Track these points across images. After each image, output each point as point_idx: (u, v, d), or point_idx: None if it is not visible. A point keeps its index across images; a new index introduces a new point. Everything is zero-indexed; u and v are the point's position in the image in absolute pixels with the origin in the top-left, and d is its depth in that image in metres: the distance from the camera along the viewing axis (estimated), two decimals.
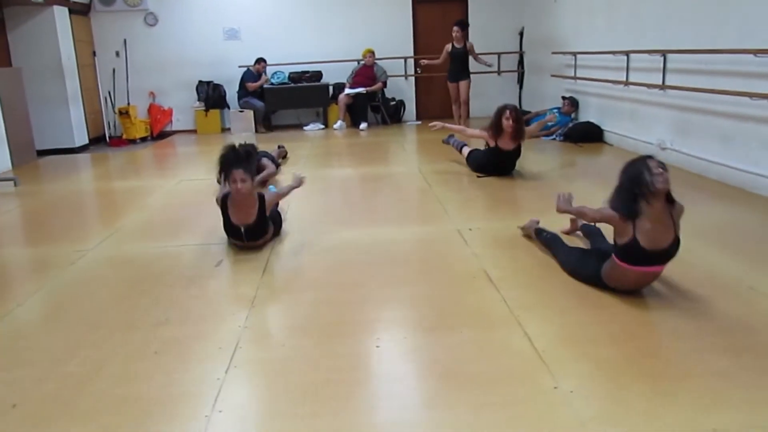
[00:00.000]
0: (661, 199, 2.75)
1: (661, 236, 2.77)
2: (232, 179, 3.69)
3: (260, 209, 3.85)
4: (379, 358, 2.53)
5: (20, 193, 6.27)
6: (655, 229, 2.75)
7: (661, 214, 2.76)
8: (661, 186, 2.70)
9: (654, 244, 2.77)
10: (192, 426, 2.09)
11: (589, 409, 2.08)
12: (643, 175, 2.73)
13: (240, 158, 3.73)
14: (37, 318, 3.12)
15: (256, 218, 3.84)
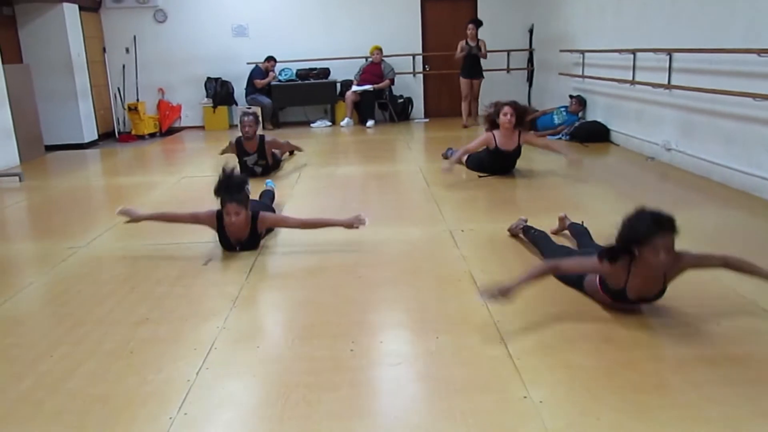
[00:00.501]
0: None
1: (649, 289, 2.70)
2: (226, 212, 3.69)
3: (252, 228, 3.84)
4: (351, 362, 2.50)
5: (24, 189, 6.33)
6: (645, 285, 2.67)
7: (656, 276, 2.65)
8: (663, 268, 2.57)
9: (640, 296, 2.72)
10: (154, 428, 2.09)
11: (556, 421, 2.04)
12: (649, 253, 2.51)
13: (231, 191, 3.69)
14: (23, 314, 3.14)
15: (248, 235, 3.84)
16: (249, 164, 6.00)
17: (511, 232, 3.87)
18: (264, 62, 10.02)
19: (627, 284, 2.66)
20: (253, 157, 5.98)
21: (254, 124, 5.89)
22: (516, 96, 10.26)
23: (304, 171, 6.50)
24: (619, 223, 2.60)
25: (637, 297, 2.70)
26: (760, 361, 2.38)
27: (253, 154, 5.96)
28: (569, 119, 8.06)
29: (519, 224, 3.80)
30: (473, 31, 8.78)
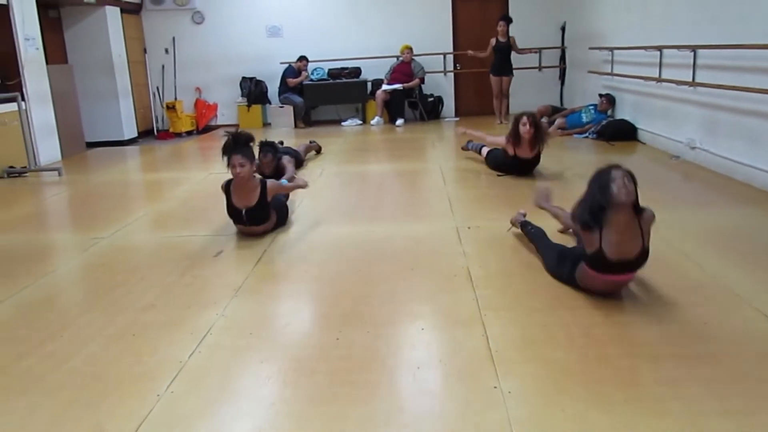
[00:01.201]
0: (626, 211, 2.70)
1: (627, 247, 2.73)
2: (232, 164, 3.92)
3: (262, 193, 4.01)
4: (335, 351, 2.60)
5: (62, 183, 6.63)
6: (621, 240, 2.72)
7: (628, 225, 2.72)
8: (624, 199, 2.65)
9: (620, 255, 2.74)
10: (141, 403, 2.22)
11: (520, 411, 2.09)
12: (608, 187, 2.68)
13: (239, 144, 3.94)
14: (40, 299, 3.33)
15: (257, 201, 4.00)
16: None
17: (512, 223, 3.91)
18: (297, 62, 10.20)
19: (602, 242, 2.71)
20: None
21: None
22: (548, 94, 10.29)
23: (328, 168, 6.63)
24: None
25: (617, 257, 2.73)
26: (737, 360, 2.37)
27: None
28: (597, 117, 7.99)
29: (518, 218, 3.83)
30: (504, 28, 8.82)
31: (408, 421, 2.07)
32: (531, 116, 5.48)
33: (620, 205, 2.67)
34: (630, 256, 2.75)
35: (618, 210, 2.68)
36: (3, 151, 6.89)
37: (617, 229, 2.71)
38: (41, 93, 7.72)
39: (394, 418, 2.08)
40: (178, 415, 2.16)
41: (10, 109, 6.95)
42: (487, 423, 2.03)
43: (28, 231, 4.77)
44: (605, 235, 2.71)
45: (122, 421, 2.13)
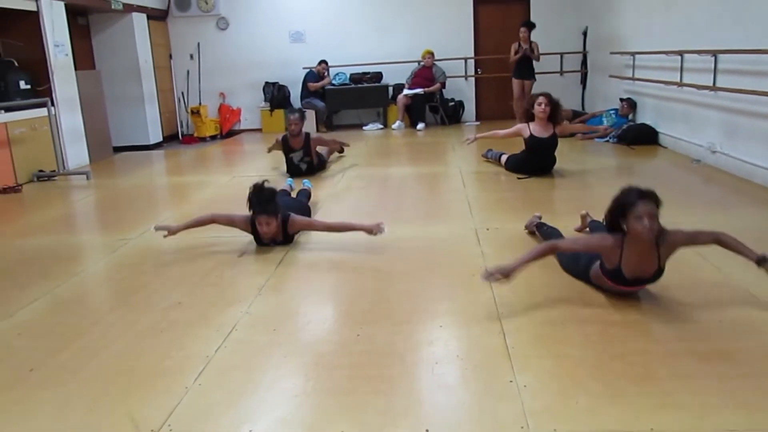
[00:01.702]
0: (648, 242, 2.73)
1: (644, 267, 2.80)
2: (258, 222, 3.93)
3: (284, 232, 4.07)
4: (356, 346, 2.68)
5: (90, 186, 6.81)
6: (640, 262, 2.78)
7: (647, 251, 2.77)
8: (648, 237, 2.69)
9: (636, 274, 2.81)
10: (171, 395, 2.32)
11: (536, 403, 2.15)
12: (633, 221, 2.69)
13: (263, 202, 3.90)
14: (71, 297, 3.46)
15: (282, 238, 4.07)
16: (295, 161, 6.27)
17: (528, 228, 3.97)
18: (317, 66, 10.32)
19: (621, 262, 2.77)
20: (298, 154, 6.25)
21: (299, 121, 6.17)
22: (569, 99, 10.26)
23: (349, 171, 6.73)
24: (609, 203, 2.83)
25: (633, 276, 2.80)
26: (751, 357, 2.41)
27: (298, 151, 6.24)
28: (618, 122, 7.99)
29: (533, 221, 3.89)
30: (525, 34, 8.86)
31: (426, 413, 2.14)
32: (547, 95, 5.57)
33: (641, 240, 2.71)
34: (645, 275, 2.82)
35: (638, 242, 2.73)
36: (33, 156, 7.10)
37: (635, 253, 2.76)
38: (70, 98, 7.93)
39: (412, 410, 2.15)
40: (205, 406, 2.25)
41: (40, 114, 7.15)
42: (503, 414, 2.10)
43: (58, 233, 4.93)
44: (625, 256, 2.77)
45: (152, 411, 2.22)
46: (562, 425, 2.02)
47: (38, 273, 3.85)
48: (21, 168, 6.92)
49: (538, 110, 5.53)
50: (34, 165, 7.10)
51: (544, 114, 5.52)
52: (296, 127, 6.17)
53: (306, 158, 6.30)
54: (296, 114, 6.21)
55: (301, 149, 6.25)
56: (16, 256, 4.28)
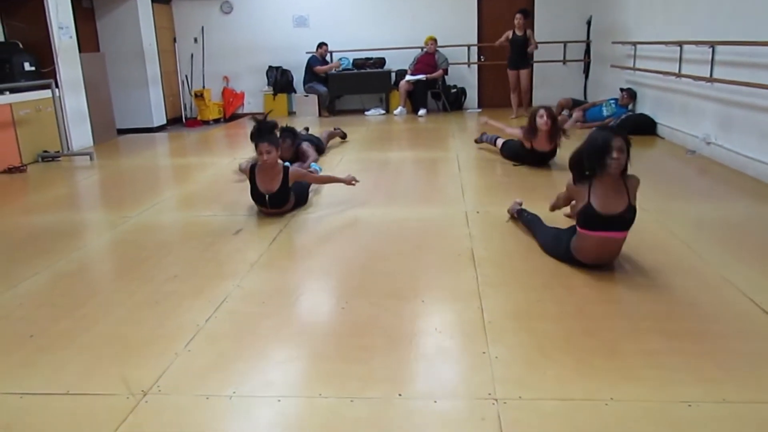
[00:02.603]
0: (614, 176, 3.02)
1: (613, 202, 3.03)
2: (259, 151, 4.18)
3: (284, 179, 4.25)
4: (340, 317, 2.80)
5: (93, 167, 6.93)
6: (608, 195, 3.03)
7: (614, 184, 3.05)
8: (614, 171, 2.93)
9: (607, 209, 3.02)
10: (162, 359, 2.45)
11: (505, 373, 2.27)
12: (603, 156, 2.97)
13: (264, 131, 4.18)
14: (72, 271, 3.58)
15: (279, 187, 4.23)
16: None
17: (510, 213, 4.08)
18: (317, 49, 10.39)
19: (590, 197, 3.03)
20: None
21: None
22: (572, 88, 10.34)
23: (348, 155, 6.83)
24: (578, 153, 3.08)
25: (605, 210, 3.01)
26: (716, 336, 2.52)
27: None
28: (618, 112, 8.05)
29: (514, 207, 4.00)
30: (520, 21, 8.82)
31: (401, 379, 2.26)
32: (548, 109, 5.60)
33: (609, 173, 2.98)
34: (617, 211, 3.02)
35: (606, 175, 3.00)
36: (38, 137, 7.22)
37: (604, 187, 3.03)
38: (74, 80, 8.04)
39: (388, 377, 2.27)
40: (193, 370, 2.38)
41: (44, 96, 7.27)
42: (473, 382, 2.21)
43: (61, 211, 5.05)
44: (593, 190, 3.04)
45: (144, 374, 2.35)
46: (527, 393, 2.14)
47: (41, 248, 3.97)
48: (26, 148, 7.04)
49: (540, 123, 5.53)
50: (38, 146, 7.23)
51: (546, 126, 5.51)
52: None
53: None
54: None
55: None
56: (20, 233, 4.41)
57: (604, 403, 2.07)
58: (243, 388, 2.23)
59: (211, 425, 2.03)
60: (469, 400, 2.12)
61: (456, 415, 2.05)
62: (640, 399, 2.09)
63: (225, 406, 2.13)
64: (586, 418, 2.00)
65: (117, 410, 2.12)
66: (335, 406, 2.11)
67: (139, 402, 2.17)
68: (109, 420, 2.06)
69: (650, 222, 4.04)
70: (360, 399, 2.14)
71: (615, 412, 2.03)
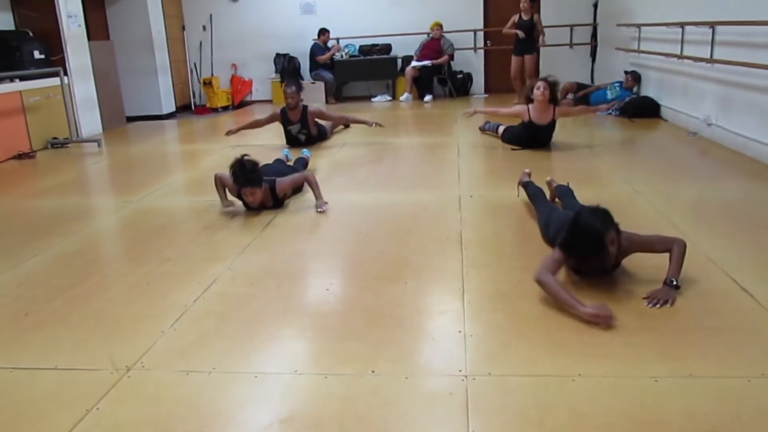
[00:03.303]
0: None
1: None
2: (244, 194, 4.11)
3: (274, 197, 4.25)
4: (324, 298, 2.88)
5: (101, 153, 7.05)
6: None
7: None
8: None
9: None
10: (148, 337, 2.53)
11: (478, 350, 2.32)
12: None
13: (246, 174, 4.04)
14: (71, 253, 3.68)
15: (272, 203, 4.27)
16: (293, 133, 6.43)
17: (519, 184, 4.13)
18: (319, 37, 10.40)
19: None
20: (296, 126, 6.40)
21: (296, 94, 6.29)
22: (579, 72, 10.27)
23: (350, 141, 6.88)
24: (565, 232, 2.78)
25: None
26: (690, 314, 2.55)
27: (296, 123, 6.39)
28: (622, 94, 8.01)
29: (523, 177, 4.05)
30: (527, 5, 8.69)
31: (375, 357, 2.31)
32: (544, 79, 5.65)
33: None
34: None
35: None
36: (47, 124, 7.35)
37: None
38: (83, 68, 8.15)
39: (363, 354, 2.33)
40: (177, 347, 2.46)
41: (53, 83, 7.38)
42: (444, 359, 2.27)
43: (67, 196, 5.16)
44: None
45: (129, 351, 2.43)
46: (496, 369, 2.19)
47: (44, 231, 4.08)
48: (35, 135, 7.17)
49: (537, 94, 5.58)
50: (48, 132, 7.35)
51: (543, 97, 5.56)
52: (293, 101, 6.30)
53: (303, 130, 6.45)
54: (292, 87, 6.33)
55: (299, 122, 6.39)
56: (26, 216, 4.53)
57: (571, 378, 2.12)
58: (222, 365, 2.31)
59: (188, 399, 2.10)
60: (440, 376, 2.18)
61: (424, 390, 2.11)
62: (608, 375, 2.14)
63: (203, 382, 2.20)
64: (552, 392, 2.05)
65: (100, 384, 2.20)
66: (309, 382, 2.18)
67: (122, 377, 2.25)
68: (92, 393, 2.15)
69: (643, 203, 4.06)
70: (333, 375, 2.20)
71: (581, 387, 2.07)
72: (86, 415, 2.02)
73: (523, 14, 8.72)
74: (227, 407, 2.05)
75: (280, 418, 1.97)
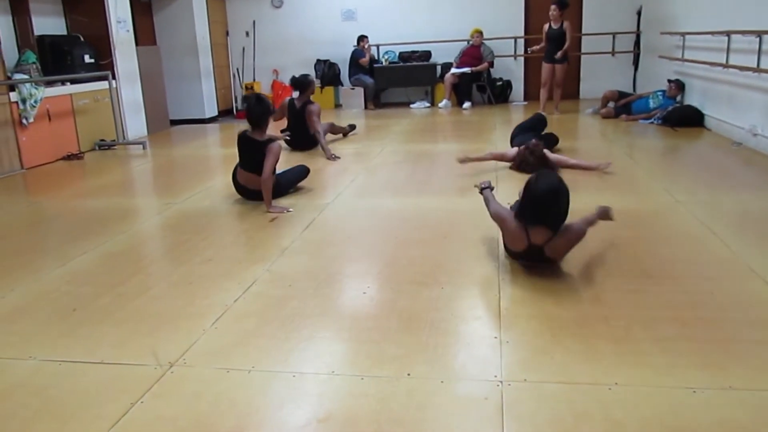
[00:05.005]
0: None
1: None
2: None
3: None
4: (360, 301, 2.91)
5: (146, 155, 7.25)
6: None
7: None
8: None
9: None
10: (190, 335, 2.60)
11: (514, 356, 2.33)
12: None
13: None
14: (117, 252, 3.80)
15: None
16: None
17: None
18: (359, 42, 10.50)
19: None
20: None
21: None
22: (620, 80, 10.16)
23: (389, 146, 6.93)
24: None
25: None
26: (731, 325, 2.51)
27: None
28: (665, 103, 7.88)
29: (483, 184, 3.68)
30: (556, 13, 8.49)
31: (411, 360, 2.34)
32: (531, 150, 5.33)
33: None
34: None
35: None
36: (95, 126, 7.59)
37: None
38: (130, 72, 8.39)
39: (399, 357, 2.36)
40: (218, 346, 2.52)
41: (102, 87, 7.62)
42: (480, 365, 2.28)
43: (112, 196, 5.33)
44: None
45: (172, 347, 2.51)
46: (532, 375, 2.19)
47: (91, 230, 4.22)
48: (84, 137, 7.41)
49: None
50: (96, 134, 7.59)
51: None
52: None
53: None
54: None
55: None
56: (74, 216, 4.69)
57: (607, 387, 2.11)
58: (261, 364, 2.36)
59: (228, 396, 2.16)
60: (475, 381, 2.20)
61: (460, 394, 2.12)
62: (645, 384, 2.12)
63: (243, 380, 2.26)
64: (587, 400, 2.05)
65: (145, 379, 2.28)
66: (346, 382, 2.22)
67: (165, 373, 2.32)
68: (137, 388, 2.22)
69: (684, 213, 4.00)
70: (369, 377, 2.23)
71: (617, 396, 2.06)
72: (131, 408, 2.10)
73: (552, 23, 8.60)
74: (266, 405, 2.10)
75: (317, 418, 2.01)
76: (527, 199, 3.01)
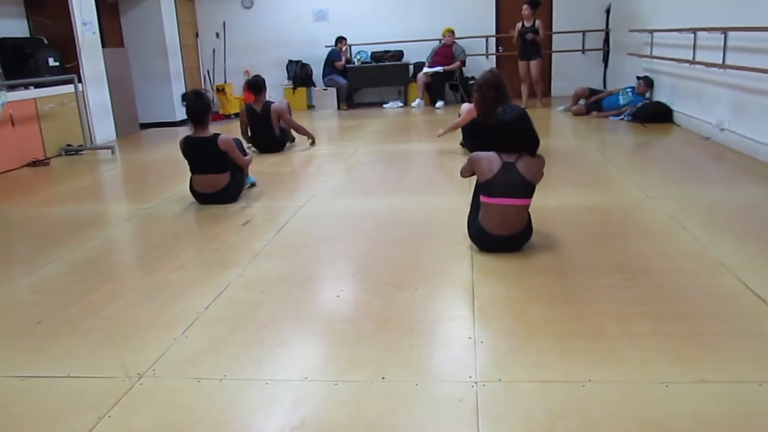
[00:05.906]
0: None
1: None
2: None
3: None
4: (334, 304, 2.89)
5: (115, 160, 7.12)
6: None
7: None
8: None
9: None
10: (160, 344, 2.55)
11: (488, 356, 2.32)
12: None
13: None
14: (85, 260, 3.72)
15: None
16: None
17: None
18: (336, 44, 10.47)
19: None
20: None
21: None
22: (591, 77, 10.25)
23: (362, 147, 6.90)
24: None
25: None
26: (703, 319, 2.53)
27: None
28: (635, 100, 7.97)
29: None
30: (528, 12, 8.78)
31: (385, 363, 2.32)
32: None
33: None
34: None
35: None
36: (61, 131, 7.43)
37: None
38: (97, 75, 8.24)
39: (373, 360, 2.34)
40: (188, 354, 2.47)
41: (68, 90, 7.46)
42: (455, 366, 2.27)
43: (80, 203, 5.22)
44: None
45: (141, 358, 2.45)
46: (507, 375, 2.18)
47: (57, 238, 4.12)
48: (50, 142, 7.25)
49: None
50: (62, 139, 7.43)
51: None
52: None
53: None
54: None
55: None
56: (40, 223, 4.58)
57: (581, 384, 2.11)
58: (234, 372, 2.32)
59: (199, 406, 2.11)
60: (450, 383, 2.18)
61: (435, 396, 2.10)
62: (618, 380, 2.13)
63: (214, 389, 2.21)
64: (561, 398, 2.04)
65: (113, 392, 2.22)
66: (319, 388, 2.18)
67: (134, 384, 2.27)
68: (104, 401, 2.16)
69: (655, 208, 4.04)
70: (343, 382, 2.21)
71: (591, 393, 2.06)
72: (98, 422, 2.04)
73: (525, 21, 8.79)
74: (239, 414, 2.06)
75: (291, 426, 1.98)
76: (500, 132, 3.23)
